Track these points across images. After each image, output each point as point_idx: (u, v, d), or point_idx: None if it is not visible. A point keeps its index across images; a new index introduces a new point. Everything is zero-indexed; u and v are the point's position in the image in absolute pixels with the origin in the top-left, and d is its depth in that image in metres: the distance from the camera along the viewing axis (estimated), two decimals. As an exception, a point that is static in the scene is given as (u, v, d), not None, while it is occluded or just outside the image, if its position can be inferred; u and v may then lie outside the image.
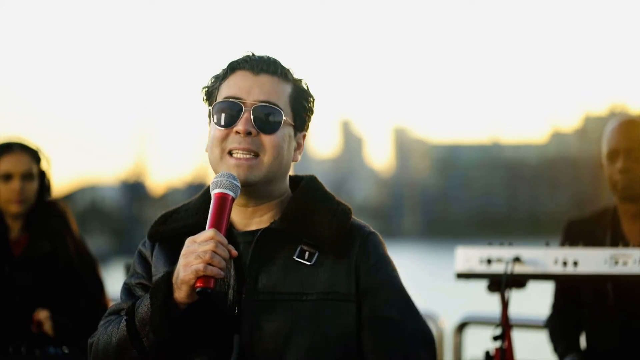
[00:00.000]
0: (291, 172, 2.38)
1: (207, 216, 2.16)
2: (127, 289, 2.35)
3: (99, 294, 4.02)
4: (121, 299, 2.34)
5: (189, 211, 2.34)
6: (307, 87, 2.34)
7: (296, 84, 2.32)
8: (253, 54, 2.31)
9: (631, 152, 3.54)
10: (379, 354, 2.22)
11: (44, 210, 3.93)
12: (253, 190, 2.25)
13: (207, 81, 2.36)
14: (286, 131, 2.27)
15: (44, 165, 3.95)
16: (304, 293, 2.21)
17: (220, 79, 2.32)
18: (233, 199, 2.18)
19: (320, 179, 2.43)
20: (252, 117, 2.23)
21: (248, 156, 2.23)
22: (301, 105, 2.32)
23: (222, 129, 2.25)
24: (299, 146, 2.34)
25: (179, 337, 2.16)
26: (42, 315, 3.76)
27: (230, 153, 2.24)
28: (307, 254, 2.24)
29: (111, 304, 4.05)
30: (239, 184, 2.19)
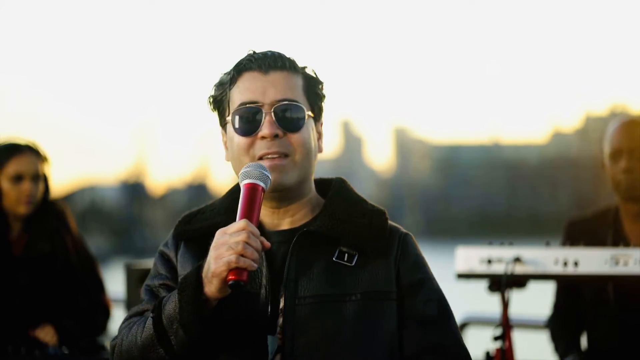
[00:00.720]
0: None
1: (236, 215, 2.07)
2: (149, 291, 2.26)
3: (99, 294, 4.03)
4: (142, 302, 2.26)
5: (215, 210, 2.27)
6: (315, 73, 2.28)
7: (305, 74, 2.26)
8: (255, 52, 2.24)
9: (634, 152, 3.54)
10: (421, 351, 2.17)
11: (44, 210, 3.94)
12: (287, 192, 2.20)
13: (212, 89, 2.27)
14: (309, 125, 2.22)
15: (47, 166, 3.97)
16: (346, 294, 2.16)
17: (227, 85, 2.23)
18: (264, 190, 2.10)
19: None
20: (274, 118, 2.17)
21: (280, 158, 2.17)
22: (314, 93, 2.26)
23: (246, 137, 2.18)
24: (320, 136, 2.29)
25: (209, 336, 2.08)
26: (47, 337, 3.76)
27: (260, 159, 2.18)
28: (346, 255, 2.19)
29: (111, 303, 4.09)
30: (269, 175, 2.12)
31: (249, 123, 2.18)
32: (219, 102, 2.26)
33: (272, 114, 2.17)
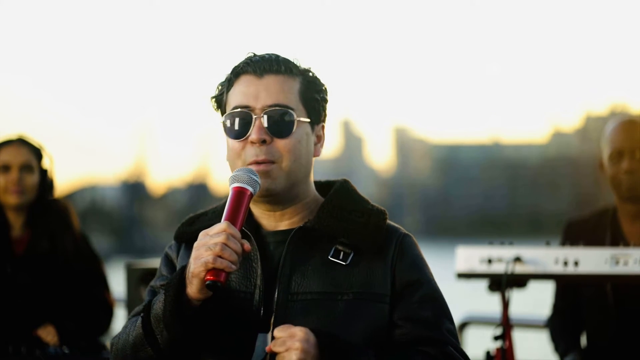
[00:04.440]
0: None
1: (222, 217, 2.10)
2: (151, 291, 2.31)
3: (101, 293, 4.02)
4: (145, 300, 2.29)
5: (216, 212, 2.30)
6: (316, 76, 2.27)
7: (305, 76, 2.25)
8: (254, 55, 2.25)
9: (635, 152, 3.54)
10: (412, 343, 2.16)
11: (46, 208, 3.94)
12: (277, 197, 2.21)
13: (214, 89, 2.30)
14: (302, 130, 2.22)
15: (45, 162, 3.97)
16: (339, 293, 2.16)
17: (225, 87, 2.26)
18: (252, 195, 2.12)
19: (321, 179, 2.40)
20: (263, 124, 2.18)
21: (267, 164, 2.17)
22: (313, 97, 2.25)
23: (237, 140, 2.20)
24: (319, 139, 2.29)
25: (195, 335, 2.10)
26: (49, 337, 3.76)
27: (250, 165, 2.19)
28: (342, 253, 2.19)
29: (114, 302, 4.09)
30: (258, 179, 2.13)
31: (240, 127, 2.20)
32: (219, 103, 2.29)
33: (262, 119, 2.19)
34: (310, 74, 2.27)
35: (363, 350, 2.10)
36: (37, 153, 3.94)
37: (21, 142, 3.93)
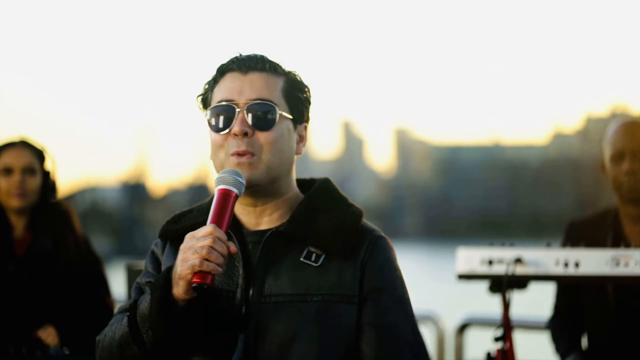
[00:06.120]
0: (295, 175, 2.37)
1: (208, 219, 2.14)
2: (137, 288, 2.34)
3: (102, 294, 4.02)
4: (131, 298, 2.33)
5: (201, 210, 2.33)
6: (300, 78, 2.33)
7: (288, 76, 2.30)
8: (240, 54, 2.31)
9: (637, 153, 3.54)
10: (376, 352, 2.21)
11: (48, 209, 3.94)
12: (258, 189, 2.25)
13: (201, 88, 2.35)
14: (284, 125, 2.26)
15: (48, 164, 3.96)
16: (309, 294, 2.21)
17: (211, 85, 2.31)
18: (237, 196, 2.17)
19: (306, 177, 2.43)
20: (246, 117, 2.23)
21: (248, 155, 2.22)
22: (296, 96, 2.30)
23: (220, 133, 2.25)
24: (301, 139, 2.33)
25: (180, 335, 2.14)
26: (49, 338, 3.76)
27: (233, 156, 2.23)
28: (314, 255, 2.23)
29: (115, 304, 4.09)
30: (243, 181, 2.18)
31: (224, 120, 2.25)
32: (205, 101, 2.33)
33: (245, 112, 2.23)
34: (294, 75, 2.32)
35: None
36: (39, 155, 3.94)
37: (23, 145, 3.92)
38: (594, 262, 3.25)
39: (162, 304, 2.10)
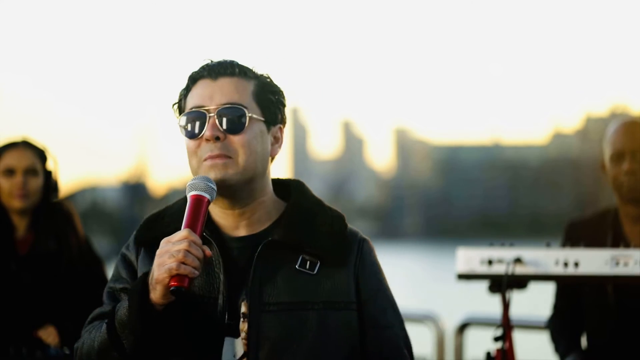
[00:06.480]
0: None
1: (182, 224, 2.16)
2: (110, 294, 2.35)
3: (102, 295, 4.02)
4: (104, 303, 2.35)
5: (173, 215, 2.34)
6: (272, 80, 2.34)
7: (259, 80, 2.32)
8: (211, 61, 2.32)
9: (637, 153, 3.54)
10: (381, 350, 2.28)
11: (50, 209, 3.94)
12: (235, 191, 2.25)
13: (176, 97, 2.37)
14: (256, 128, 2.27)
15: (49, 164, 3.96)
16: (308, 302, 2.23)
17: (184, 92, 2.33)
18: (209, 202, 2.19)
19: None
20: (217, 121, 2.24)
21: (221, 157, 2.23)
22: (267, 99, 2.31)
23: (193, 140, 2.26)
24: (276, 140, 2.34)
25: (159, 340, 2.16)
26: (50, 338, 3.76)
27: (206, 161, 2.25)
28: (308, 263, 2.26)
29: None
30: (214, 187, 2.20)
31: (196, 126, 2.26)
32: (179, 109, 2.35)
33: (216, 117, 2.25)
34: (266, 77, 2.34)
35: None
36: (41, 156, 3.94)
37: (25, 145, 3.92)
38: (593, 262, 3.25)
39: (141, 309, 2.12)
